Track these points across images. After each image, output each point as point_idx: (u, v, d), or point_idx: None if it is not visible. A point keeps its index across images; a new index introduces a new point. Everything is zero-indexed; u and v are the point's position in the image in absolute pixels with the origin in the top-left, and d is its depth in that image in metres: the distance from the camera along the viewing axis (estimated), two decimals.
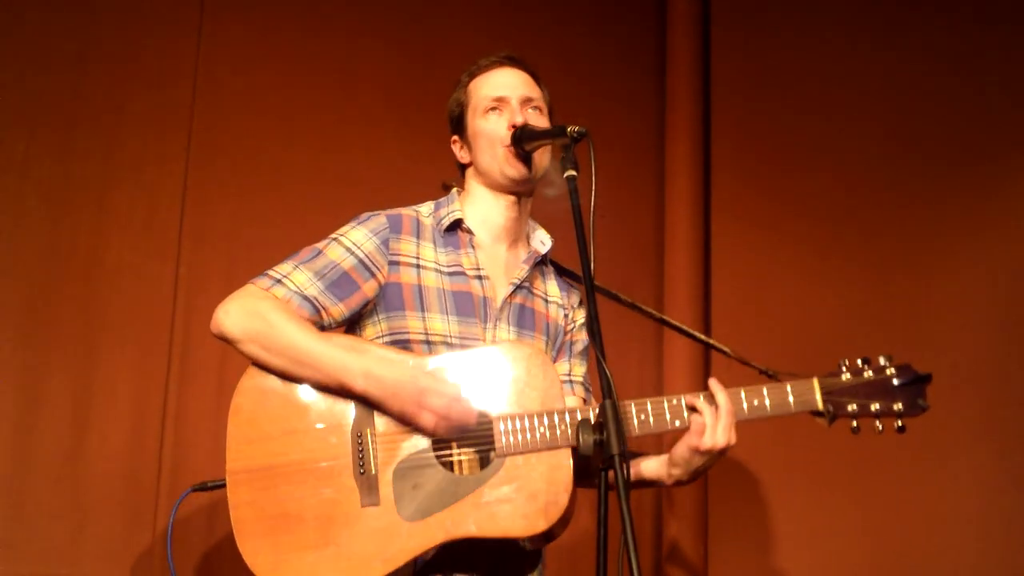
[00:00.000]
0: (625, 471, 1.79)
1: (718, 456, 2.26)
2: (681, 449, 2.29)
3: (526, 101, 2.44)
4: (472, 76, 2.49)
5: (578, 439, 1.85)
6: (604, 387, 1.89)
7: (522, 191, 2.45)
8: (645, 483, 2.43)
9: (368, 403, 2.19)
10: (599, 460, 1.84)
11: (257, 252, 3.30)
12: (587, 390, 2.52)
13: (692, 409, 2.26)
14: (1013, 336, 3.36)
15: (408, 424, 2.18)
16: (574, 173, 2.15)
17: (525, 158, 2.39)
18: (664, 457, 2.37)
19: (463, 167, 2.53)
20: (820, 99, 3.84)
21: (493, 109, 2.43)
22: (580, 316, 2.55)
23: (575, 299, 2.57)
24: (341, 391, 2.19)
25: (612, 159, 2.74)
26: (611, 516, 1.83)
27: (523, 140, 2.36)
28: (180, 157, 3.29)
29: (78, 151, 3.18)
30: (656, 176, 4.00)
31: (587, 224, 2.08)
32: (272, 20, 3.52)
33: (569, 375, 2.49)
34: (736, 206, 3.90)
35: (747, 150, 3.93)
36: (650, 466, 2.40)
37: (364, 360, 2.18)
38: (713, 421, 2.23)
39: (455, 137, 2.53)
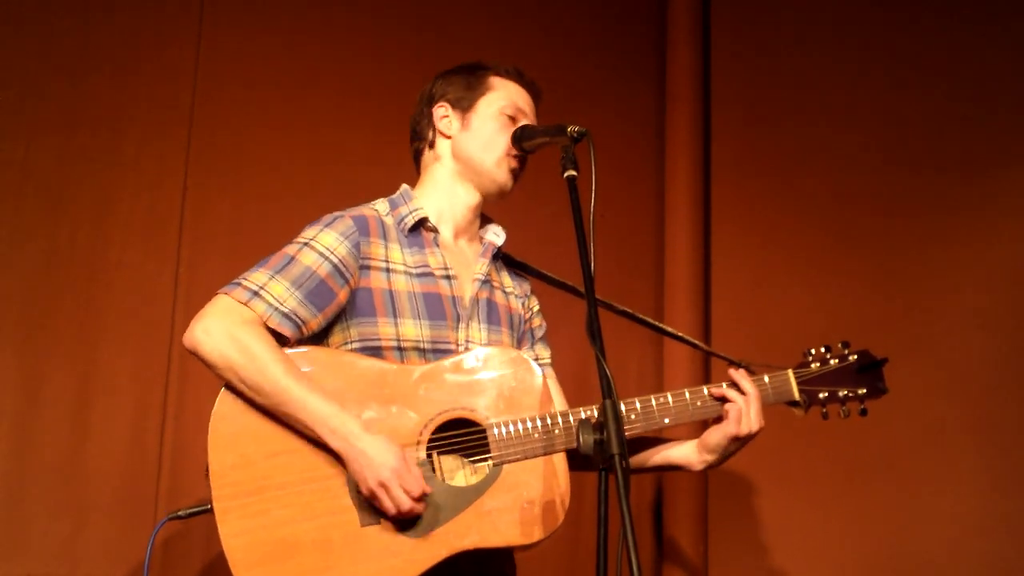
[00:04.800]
0: (625, 470, 1.79)
1: (749, 440, 2.34)
2: (716, 437, 2.34)
3: None
4: (498, 73, 2.49)
5: (578, 439, 1.85)
6: (604, 387, 1.88)
7: (494, 198, 2.47)
8: (670, 468, 2.47)
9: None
10: (599, 460, 1.84)
11: (257, 252, 3.30)
12: (553, 370, 2.55)
13: (722, 399, 2.33)
14: (1009, 339, 3.37)
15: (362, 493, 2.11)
16: (574, 173, 2.15)
17: (521, 161, 2.41)
18: (693, 443, 2.41)
19: (436, 135, 2.49)
20: (820, 104, 3.84)
21: (510, 118, 2.44)
22: (534, 304, 2.59)
23: (527, 287, 2.59)
24: (313, 438, 2.12)
25: (612, 161, 2.74)
26: (611, 516, 1.83)
27: (523, 139, 2.37)
28: (180, 157, 3.29)
29: (78, 151, 3.17)
30: (656, 178, 4.00)
31: (587, 225, 2.08)
32: (272, 21, 3.52)
33: (538, 359, 2.50)
34: (736, 210, 3.90)
35: (747, 154, 3.93)
36: (677, 453, 2.44)
37: (348, 424, 2.10)
38: (746, 407, 2.30)
39: (445, 104, 2.48)
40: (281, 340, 2.20)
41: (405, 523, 2.11)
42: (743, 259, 3.84)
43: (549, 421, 2.19)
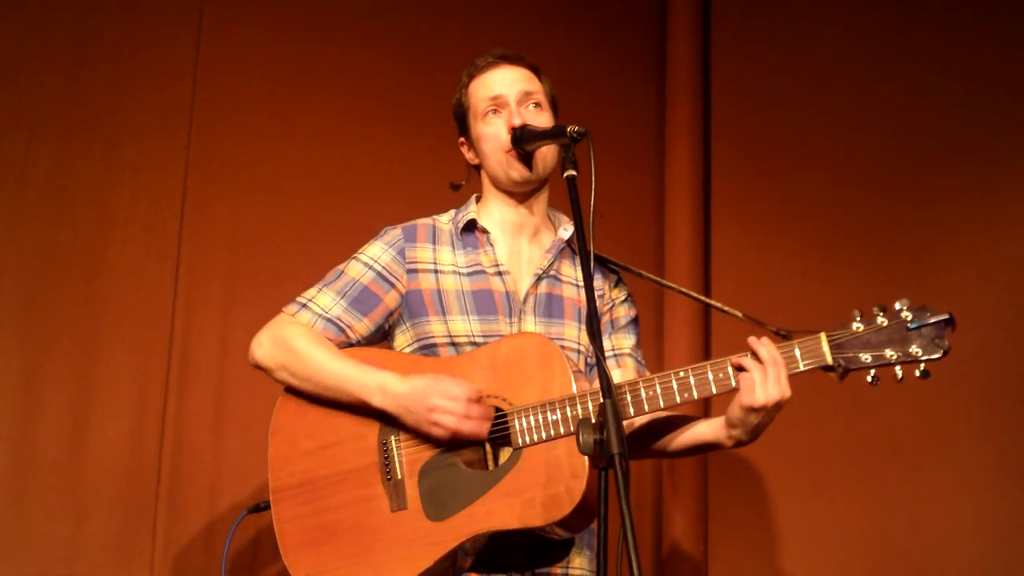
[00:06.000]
0: (625, 470, 1.79)
1: (775, 411, 2.17)
2: (735, 410, 2.19)
3: (524, 97, 2.43)
4: (471, 77, 2.50)
5: (578, 439, 1.85)
6: (604, 387, 1.88)
7: (529, 191, 2.46)
8: (704, 447, 2.36)
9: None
10: (599, 460, 1.84)
11: (257, 252, 3.33)
12: (637, 360, 2.50)
13: (739, 368, 2.18)
14: (1013, 336, 3.36)
15: (423, 437, 2.23)
16: (574, 173, 2.15)
17: (527, 159, 2.39)
18: (721, 419, 2.28)
19: (475, 167, 2.54)
20: (819, 99, 3.84)
21: (492, 111, 2.43)
22: (619, 294, 2.55)
23: (612, 280, 2.56)
24: (365, 408, 2.26)
25: (612, 159, 2.74)
26: (611, 516, 1.83)
27: (523, 141, 2.36)
28: (180, 157, 3.29)
29: (78, 151, 3.18)
30: (656, 176, 4.00)
31: (587, 224, 2.08)
32: (272, 20, 3.52)
33: (613, 349, 2.48)
34: (736, 206, 3.90)
35: (747, 150, 3.93)
36: (707, 429, 2.33)
37: (379, 376, 2.25)
38: (762, 376, 2.14)
39: (462, 139, 2.55)
40: None
41: (431, 505, 2.18)
42: (743, 256, 3.84)
43: (567, 403, 2.19)
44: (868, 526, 3.45)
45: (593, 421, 1.86)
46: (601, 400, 2.15)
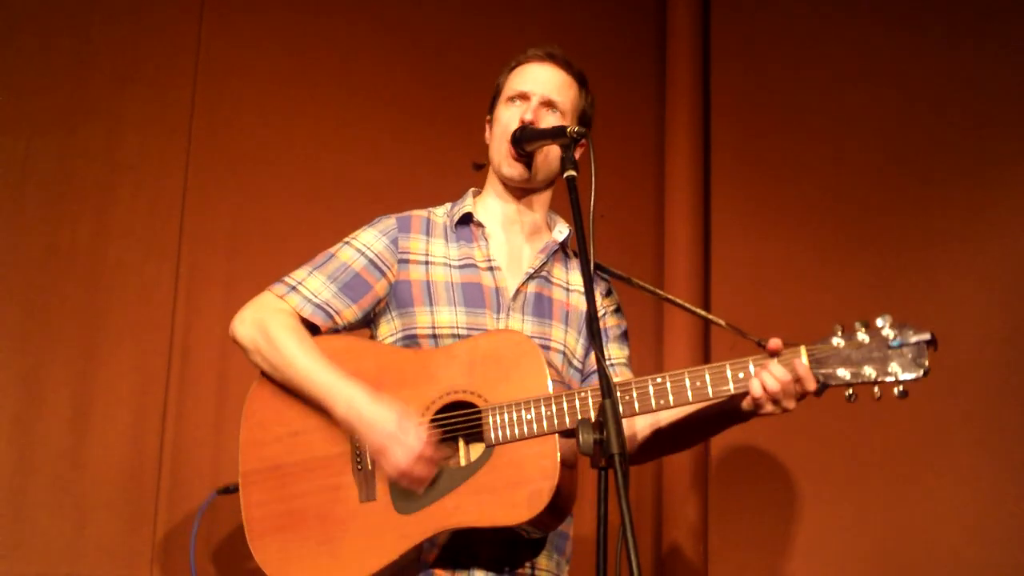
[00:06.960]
0: (625, 470, 1.79)
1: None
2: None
3: (548, 103, 2.42)
4: (518, 63, 2.49)
5: (578, 439, 1.85)
6: (604, 387, 1.89)
7: (526, 188, 2.45)
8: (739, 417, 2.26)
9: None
10: (599, 459, 1.84)
11: (257, 251, 3.33)
12: (630, 371, 2.49)
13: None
14: (1012, 335, 3.37)
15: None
16: (574, 173, 2.15)
17: (525, 159, 2.39)
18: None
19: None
20: (820, 99, 3.84)
21: (514, 99, 2.43)
22: (610, 304, 2.54)
23: (603, 287, 2.55)
24: (327, 411, 2.23)
25: (612, 160, 2.74)
26: (611, 516, 1.83)
27: (523, 141, 2.36)
28: (180, 157, 3.30)
29: (78, 151, 3.18)
30: (656, 176, 4.00)
31: (587, 224, 2.08)
32: (272, 20, 3.52)
33: (610, 359, 2.47)
34: (736, 206, 3.90)
35: (747, 152, 3.93)
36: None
37: (350, 389, 2.21)
38: (778, 401, 2.11)
39: (488, 117, 2.53)
40: (316, 330, 2.35)
41: (400, 498, 2.16)
42: (743, 258, 3.84)
43: (542, 404, 2.19)
44: (868, 527, 3.45)
45: (593, 420, 1.87)
46: (576, 400, 2.17)
